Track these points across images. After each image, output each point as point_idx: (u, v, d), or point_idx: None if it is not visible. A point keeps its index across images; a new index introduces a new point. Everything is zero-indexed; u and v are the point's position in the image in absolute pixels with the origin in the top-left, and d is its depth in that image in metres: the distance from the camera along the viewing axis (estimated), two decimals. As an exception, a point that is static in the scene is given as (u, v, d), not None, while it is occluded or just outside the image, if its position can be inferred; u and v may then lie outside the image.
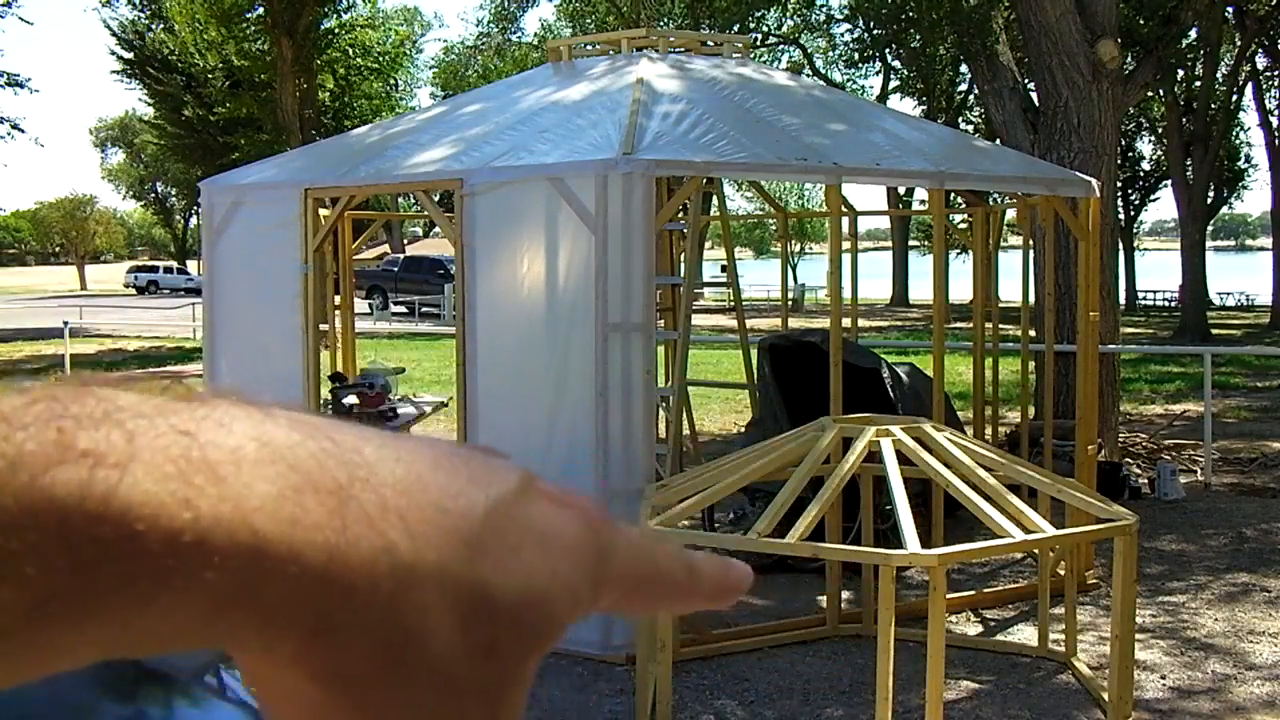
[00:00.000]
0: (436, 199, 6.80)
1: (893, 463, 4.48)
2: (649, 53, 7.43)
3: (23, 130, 26.02)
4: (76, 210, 74.63)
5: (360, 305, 26.19)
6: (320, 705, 0.32)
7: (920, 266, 44.88)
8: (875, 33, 20.21)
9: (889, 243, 51.93)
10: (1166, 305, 44.38)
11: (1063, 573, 5.93)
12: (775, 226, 10.87)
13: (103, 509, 0.28)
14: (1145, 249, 58.58)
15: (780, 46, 37.74)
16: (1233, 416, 13.36)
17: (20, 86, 25.57)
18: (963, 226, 17.08)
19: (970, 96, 36.02)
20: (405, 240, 48.13)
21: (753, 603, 6.48)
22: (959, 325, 22.15)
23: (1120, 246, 27.84)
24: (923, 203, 33.33)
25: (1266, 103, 32.06)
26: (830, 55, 39.58)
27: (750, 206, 60.21)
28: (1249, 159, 39.67)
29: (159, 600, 0.29)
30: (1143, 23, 13.41)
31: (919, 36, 17.18)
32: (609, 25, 32.95)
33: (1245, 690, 5.21)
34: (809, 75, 32.97)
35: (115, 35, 38.24)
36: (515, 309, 5.81)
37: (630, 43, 7.62)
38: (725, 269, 10.91)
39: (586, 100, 6.57)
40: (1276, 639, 5.87)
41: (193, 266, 57.10)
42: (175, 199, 68.49)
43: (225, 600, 0.29)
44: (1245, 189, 47.87)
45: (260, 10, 29.35)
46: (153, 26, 38.17)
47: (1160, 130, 34.02)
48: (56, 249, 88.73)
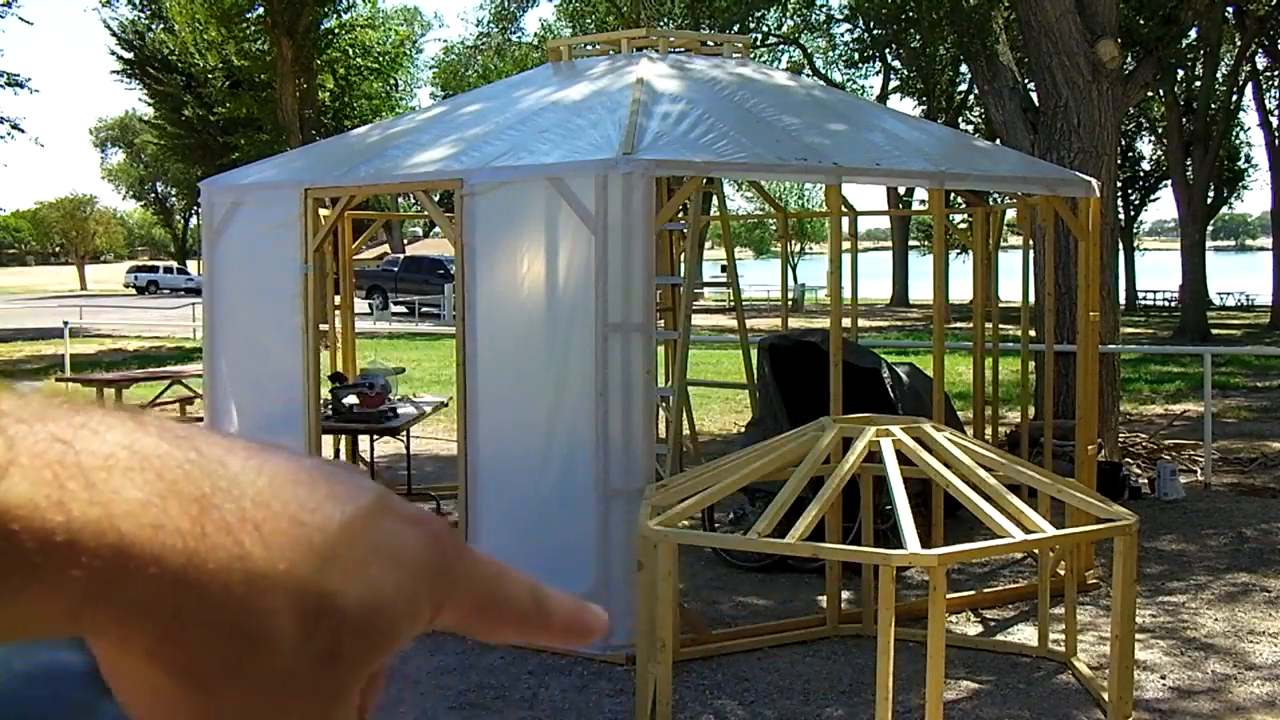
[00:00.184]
0: (436, 199, 6.80)
1: (893, 463, 4.48)
2: (649, 53, 7.43)
3: (23, 130, 26.04)
4: (76, 210, 74.62)
5: (360, 305, 26.19)
6: (170, 696, 0.34)
7: (920, 266, 44.90)
8: (875, 33, 20.21)
9: (889, 243, 51.93)
10: (1166, 305, 44.39)
11: (1063, 573, 5.93)
12: (775, 226, 10.87)
13: None
14: (1145, 249, 58.57)
15: (780, 46, 37.75)
16: (1233, 416, 13.36)
17: (20, 86, 25.57)
18: (963, 226, 17.10)
19: (970, 96, 36.02)
20: (405, 240, 48.14)
21: (753, 603, 6.48)
22: (959, 325, 22.15)
23: (1120, 246, 27.84)
24: (923, 203, 33.33)
25: (1266, 103, 32.06)
26: (830, 55, 39.61)
27: (750, 206, 60.28)
28: (1249, 159, 39.71)
29: (28, 593, 0.31)
30: (1143, 23, 13.41)
31: (919, 36, 17.18)
32: (609, 25, 32.96)
33: (1245, 690, 5.21)
34: (809, 75, 32.97)
35: (115, 35, 38.25)
36: (515, 309, 5.81)
37: (630, 43, 7.62)
38: (725, 269, 10.91)
39: (586, 100, 6.57)
40: (1276, 639, 5.87)
41: (193, 266, 57.10)
42: (175, 199, 68.49)
43: (89, 595, 0.32)
44: (1245, 189, 47.93)
45: (260, 10, 29.34)
46: (153, 26, 38.17)
47: (1160, 130, 34.02)
48: (56, 249, 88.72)
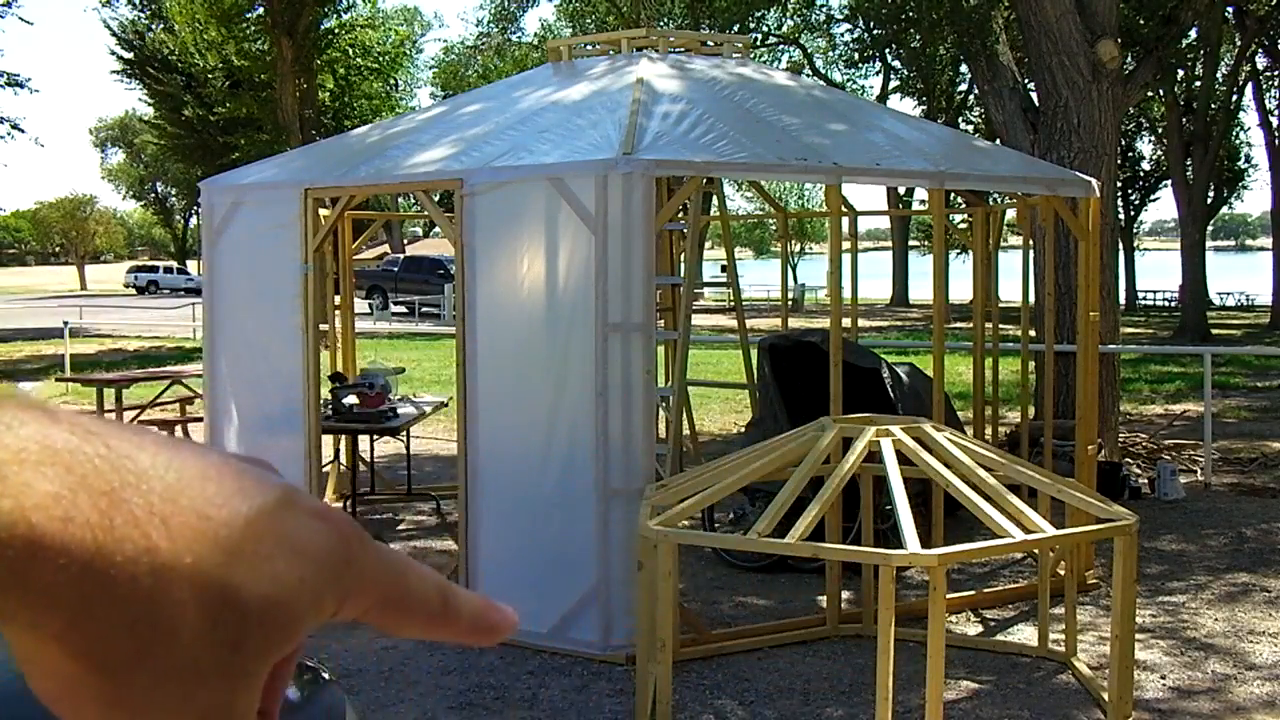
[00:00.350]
0: (436, 199, 6.80)
1: (893, 463, 4.48)
2: (649, 53, 7.43)
3: (23, 130, 26.03)
4: (76, 210, 74.59)
5: (360, 305, 26.19)
6: (79, 681, 0.36)
7: (920, 266, 44.91)
8: (875, 33, 20.21)
9: (889, 243, 51.92)
10: (1166, 305, 44.39)
11: (1063, 573, 5.94)
12: (775, 226, 10.87)
13: None
14: (1145, 249, 58.55)
15: (780, 46, 37.74)
16: (1233, 416, 13.36)
17: (20, 86, 25.57)
18: (963, 226, 17.09)
19: (970, 96, 36.02)
20: (405, 240, 48.13)
21: (753, 603, 6.48)
22: (959, 325, 22.16)
23: (1120, 246, 27.84)
24: (923, 203, 33.34)
25: (1266, 103, 32.05)
26: (830, 55, 39.59)
27: (750, 206, 60.27)
28: (1249, 159, 39.70)
29: None
30: (1143, 23, 13.41)
31: (919, 36, 17.17)
32: (609, 25, 32.96)
33: (1245, 690, 5.21)
34: (809, 75, 32.97)
35: (115, 35, 38.24)
36: (515, 309, 5.81)
37: (630, 43, 7.62)
38: (725, 269, 10.91)
39: (586, 100, 6.57)
40: (1276, 639, 5.87)
41: (193, 266, 57.10)
42: (175, 199, 68.48)
43: (0, 583, 0.33)
44: (1245, 189, 47.89)
45: (260, 10, 29.33)
46: (153, 26, 38.15)
47: (1160, 130, 34.02)
48: (56, 249, 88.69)
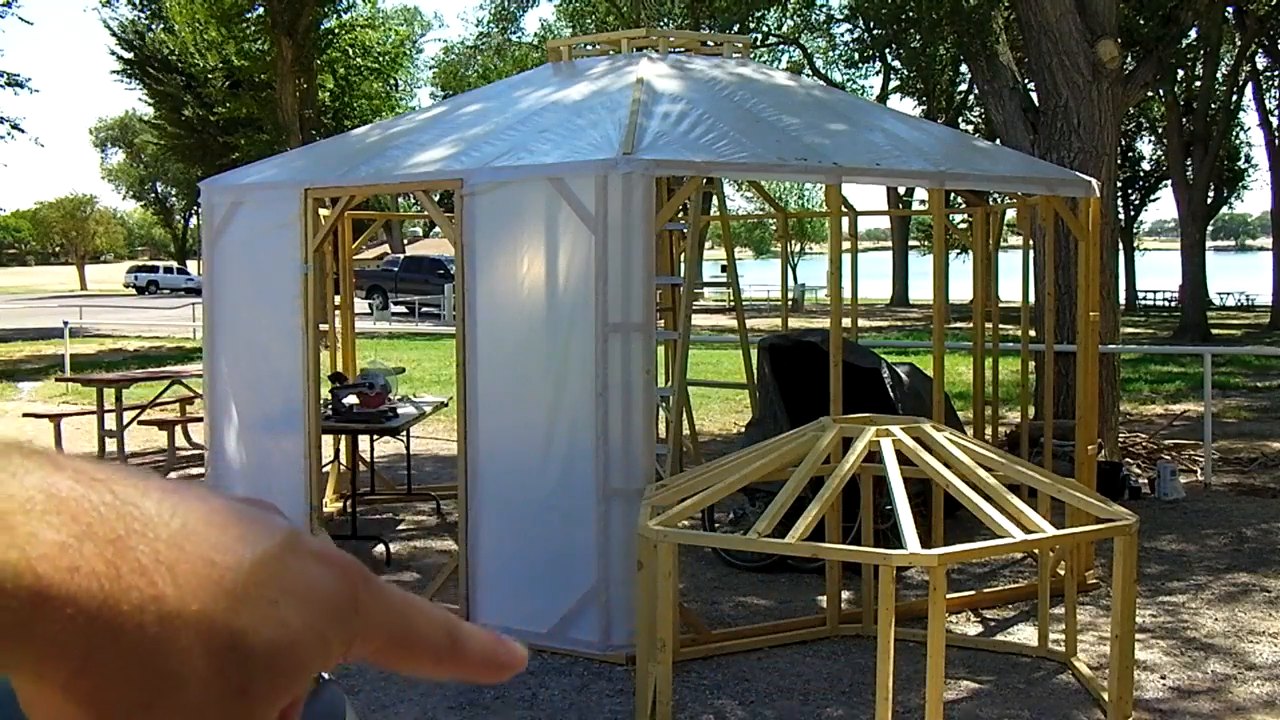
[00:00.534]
0: (436, 199, 6.80)
1: (893, 463, 4.48)
2: (649, 53, 7.43)
3: (23, 130, 26.02)
4: (76, 210, 74.58)
5: (360, 305, 26.19)
6: None
7: (920, 266, 44.91)
8: (875, 33, 20.20)
9: (889, 243, 51.92)
10: (1166, 305, 44.38)
11: (1063, 573, 5.94)
12: (775, 226, 10.87)
13: None
14: (1145, 249, 58.54)
15: (780, 46, 37.74)
16: (1233, 416, 13.36)
17: (20, 86, 25.57)
18: (963, 226, 17.09)
19: (970, 96, 36.01)
20: (405, 240, 48.13)
21: (753, 603, 6.48)
22: (959, 325, 22.16)
23: (1120, 246, 27.82)
24: (923, 203, 33.33)
25: (1266, 103, 32.05)
26: (830, 55, 39.59)
27: (750, 206, 60.25)
28: (1249, 159, 39.66)
29: None
30: (1143, 23, 13.40)
31: (919, 36, 17.16)
32: (609, 25, 32.96)
33: (1245, 690, 5.21)
34: (809, 75, 32.97)
35: (115, 35, 38.25)
36: (515, 309, 5.81)
37: (630, 43, 7.62)
38: (725, 269, 10.91)
39: (586, 100, 6.57)
40: (1276, 639, 5.87)
41: (193, 266, 57.10)
42: (175, 199, 68.48)
43: (7, 633, 0.33)
44: (1245, 189, 47.85)
45: (260, 10, 29.32)
46: (153, 26, 38.15)
47: (1160, 130, 34.02)
48: (56, 249, 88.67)
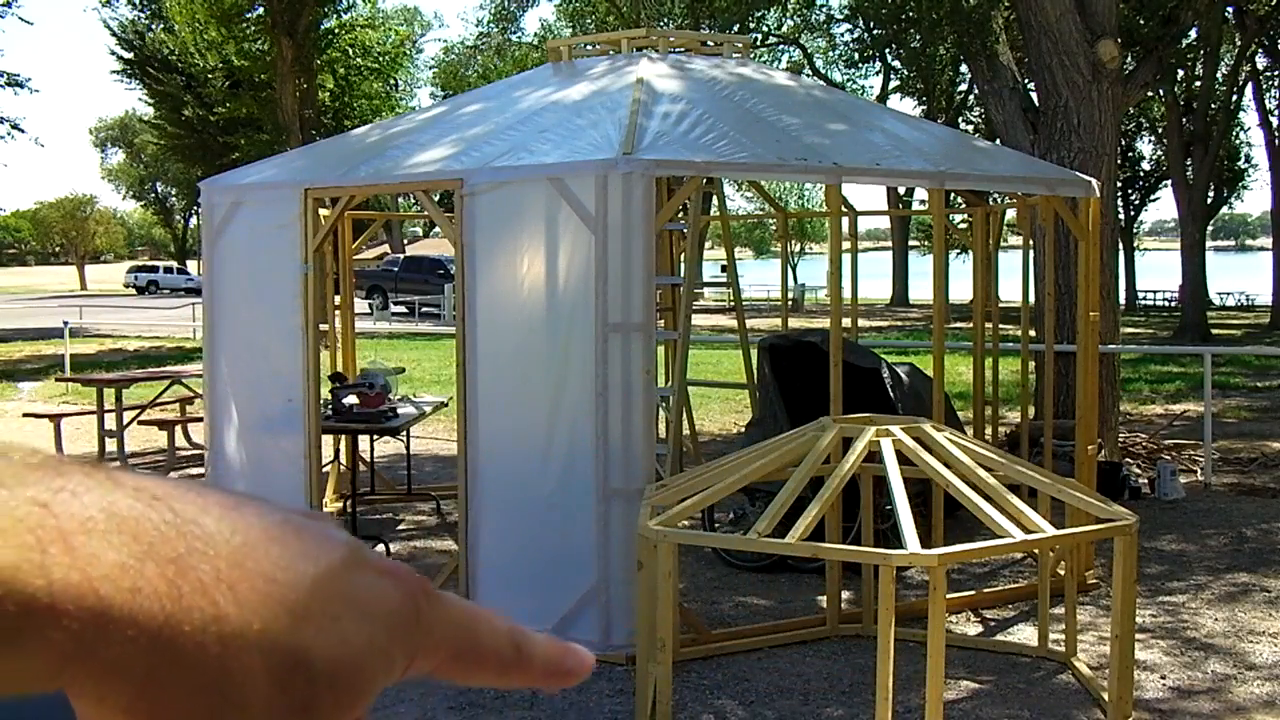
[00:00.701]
0: (436, 199, 6.80)
1: (893, 463, 4.48)
2: (649, 53, 7.43)
3: (23, 130, 26.03)
4: (76, 210, 74.57)
5: (360, 305, 26.19)
6: None
7: (920, 266, 44.90)
8: (875, 33, 20.21)
9: (889, 243, 51.92)
10: (1166, 305, 44.38)
11: (1063, 573, 5.93)
12: (775, 226, 10.87)
13: None
14: (1145, 249, 58.55)
15: (780, 46, 37.74)
16: (1233, 416, 13.36)
17: (20, 86, 25.57)
18: (963, 226, 17.09)
19: (970, 96, 36.01)
20: (405, 240, 48.13)
21: (753, 603, 6.48)
22: (959, 325, 22.16)
23: (1120, 246, 27.82)
24: (923, 203, 33.33)
25: (1266, 103, 32.05)
26: (830, 55, 39.59)
27: (750, 206, 60.24)
28: (1249, 159, 39.66)
29: (8, 654, 0.32)
30: (1143, 23, 13.40)
31: (919, 36, 17.17)
32: (609, 25, 32.95)
33: (1245, 690, 5.21)
34: (809, 75, 32.96)
35: (115, 35, 38.24)
36: (515, 309, 5.81)
37: (630, 43, 7.62)
38: (725, 269, 10.91)
39: (586, 100, 6.57)
40: (1276, 639, 5.87)
41: (193, 266, 57.09)
42: (175, 199, 68.48)
43: (69, 656, 0.33)
44: (1245, 189, 47.85)
45: (260, 10, 29.31)
46: (153, 26, 38.15)
47: (1160, 130, 34.02)
48: (56, 249, 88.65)
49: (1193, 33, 21.28)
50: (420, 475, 9.62)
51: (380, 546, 7.45)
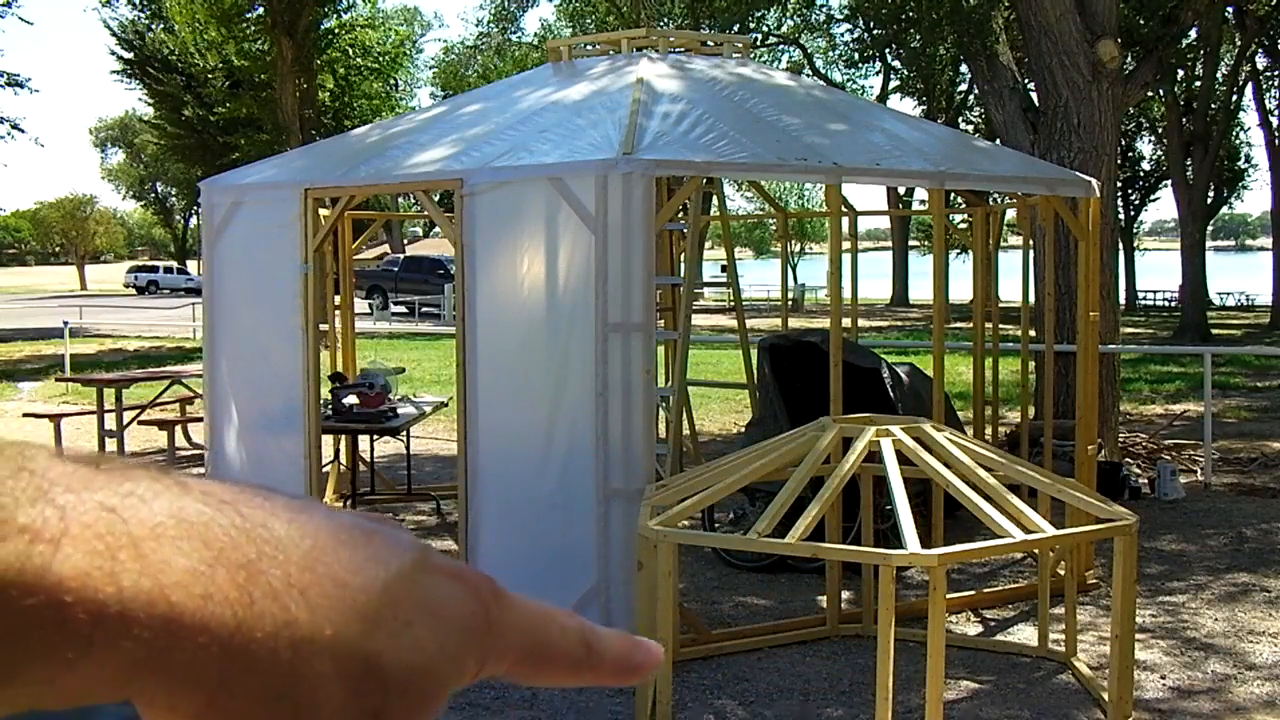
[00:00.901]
0: (436, 199, 6.80)
1: (893, 463, 4.48)
2: (649, 53, 7.43)
3: (23, 130, 26.03)
4: (76, 210, 74.57)
5: (360, 305, 26.19)
6: None
7: (920, 266, 44.90)
8: (875, 33, 20.20)
9: (889, 243, 51.92)
10: (1166, 305, 44.38)
11: (1063, 573, 5.93)
12: (775, 226, 10.87)
13: (37, 582, 0.31)
14: (1145, 249, 58.54)
15: (780, 46, 37.74)
16: (1233, 416, 13.36)
17: (20, 86, 25.57)
18: (963, 226, 17.09)
19: (970, 96, 36.01)
20: (405, 240, 48.13)
21: (753, 603, 6.48)
22: (959, 325, 22.15)
23: (1120, 246, 27.82)
24: (923, 203, 33.33)
25: (1266, 103, 32.04)
26: (830, 55, 39.58)
27: (750, 206, 60.24)
28: (1249, 159, 39.65)
29: (81, 664, 0.32)
30: (1143, 23, 13.41)
31: (919, 36, 17.16)
32: (609, 25, 32.95)
33: (1245, 690, 5.21)
34: (809, 75, 32.97)
35: (115, 35, 38.25)
36: (515, 309, 5.81)
37: (630, 43, 7.62)
38: (725, 269, 10.91)
39: (586, 100, 6.57)
40: (1276, 639, 5.87)
41: (193, 266, 57.09)
42: (175, 199, 68.49)
43: (139, 664, 0.32)
44: (1245, 189, 47.87)
45: (260, 10, 29.33)
46: (153, 26, 38.15)
47: (1160, 130, 34.02)
48: (56, 249, 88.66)
49: (1193, 33, 21.28)
50: (420, 475, 9.62)
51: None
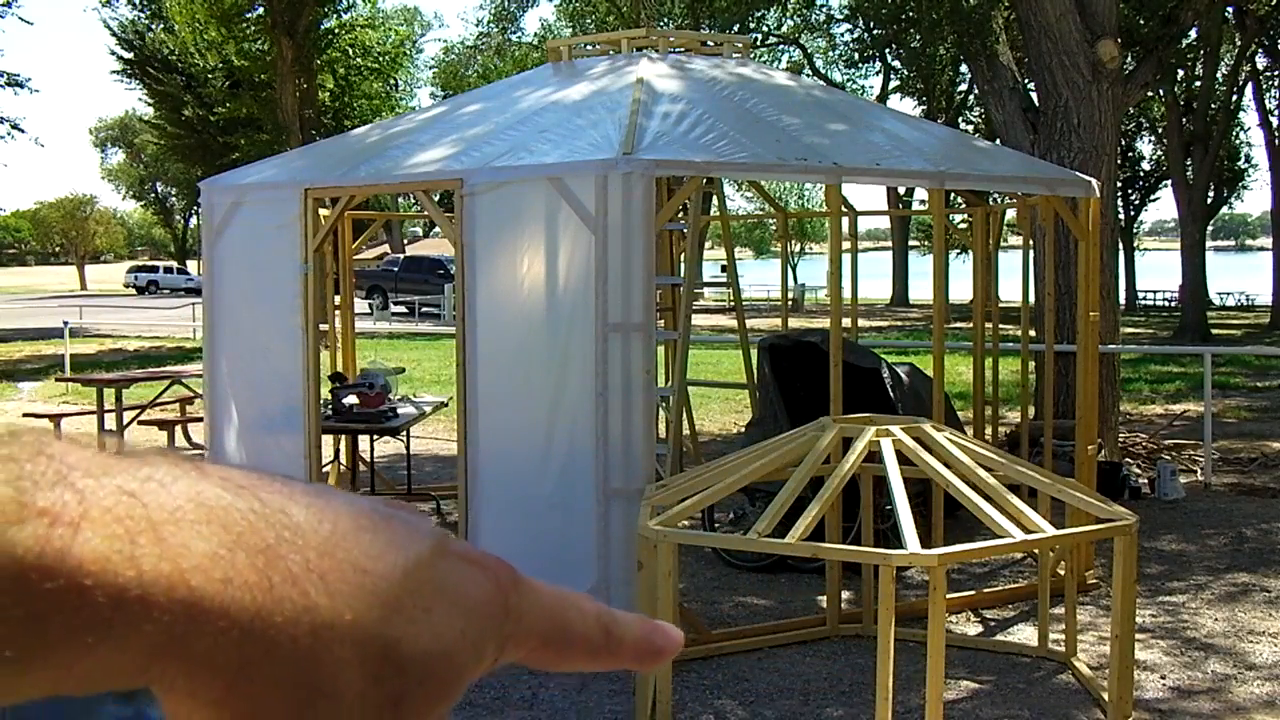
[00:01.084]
0: (436, 199, 6.80)
1: (893, 463, 4.48)
2: (649, 53, 7.43)
3: (23, 130, 26.04)
4: (76, 210, 74.57)
5: (360, 305, 26.19)
6: None
7: (920, 266, 44.91)
8: (875, 33, 20.19)
9: (889, 243, 51.92)
10: (1166, 305, 44.38)
11: (1063, 573, 5.94)
12: (775, 226, 10.87)
13: (57, 565, 0.31)
14: (1145, 249, 58.54)
15: (780, 46, 37.74)
16: (1233, 416, 13.36)
17: (20, 86, 25.58)
18: (963, 226, 17.09)
19: (970, 96, 36.01)
20: (405, 240, 48.14)
21: (753, 603, 6.48)
22: (959, 325, 22.15)
23: (1120, 246, 27.84)
24: (923, 203, 33.33)
25: (1266, 103, 32.04)
26: (830, 55, 39.58)
27: (750, 206, 60.23)
28: (1249, 159, 39.65)
29: (100, 648, 0.32)
30: (1143, 23, 13.40)
31: (919, 36, 17.16)
32: (609, 25, 32.95)
33: (1245, 690, 5.21)
34: (809, 75, 32.97)
35: (115, 35, 38.26)
36: (515, 309, 5.82)
37: (630, 43, 7.62)
38: (725, 269, 10.91)
39: (586, 100, 6.57)
40: (1276, 639, 5.87)
41: (193, 266, 57.09)
42: (175, 199, 68.48)
43: (159, 649, 0.32)
44: (1245, 189, 47.85)
45: (260, 10, 29.33)
46: (153, 26, 38.16)
47: (1160, 130, 34.01)
48: (56, 249, 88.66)
49: (1193, 33, 21.28)
50: (420, 475, 9.62)
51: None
